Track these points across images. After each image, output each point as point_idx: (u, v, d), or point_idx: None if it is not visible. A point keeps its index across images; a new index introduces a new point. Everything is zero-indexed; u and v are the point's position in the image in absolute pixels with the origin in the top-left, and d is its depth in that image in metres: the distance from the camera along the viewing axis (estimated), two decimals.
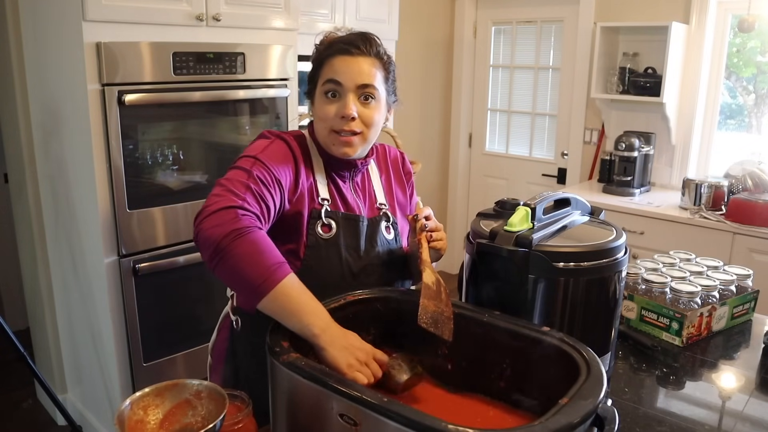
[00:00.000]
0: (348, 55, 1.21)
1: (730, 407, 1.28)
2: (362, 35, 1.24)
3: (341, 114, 1.20)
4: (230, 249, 0.98)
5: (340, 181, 1.30)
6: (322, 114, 1.22)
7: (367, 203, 1.34)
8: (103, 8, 1.94)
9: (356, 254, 1.27)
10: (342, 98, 1.21)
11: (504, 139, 4.32)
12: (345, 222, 1.26)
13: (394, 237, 1.34)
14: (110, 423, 2.43)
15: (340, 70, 1.20)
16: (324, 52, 1.24)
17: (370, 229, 1.30)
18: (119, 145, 2.06)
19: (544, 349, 0.99)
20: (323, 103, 1.22)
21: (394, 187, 1.42)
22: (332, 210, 1.26)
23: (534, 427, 0.76)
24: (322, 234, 1.24)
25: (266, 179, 1.13)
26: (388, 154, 1.45)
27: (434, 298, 1.08)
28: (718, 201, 2.97)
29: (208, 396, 0.97)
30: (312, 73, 1.27)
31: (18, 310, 3.38)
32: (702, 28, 3.24)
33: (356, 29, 1.28)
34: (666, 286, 1.57)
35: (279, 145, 1.23)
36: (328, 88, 1.21)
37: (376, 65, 1.23)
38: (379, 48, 1.24)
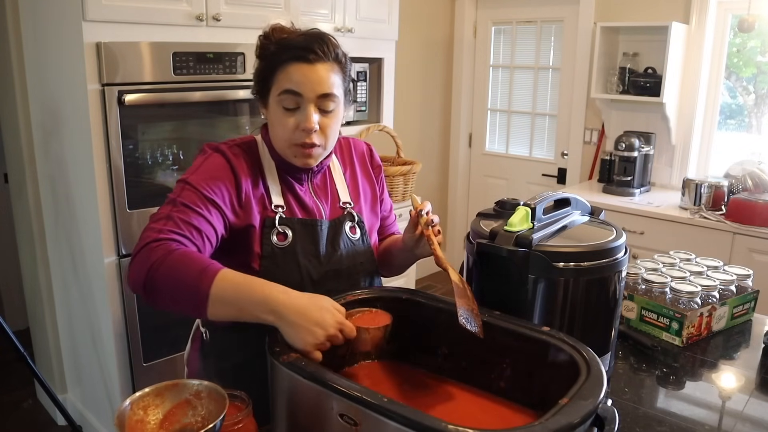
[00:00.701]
0: (306, 63, 1.12)
1: (730, 407, 1.28)
2: (318, 38, 1.15)
3: (302, 128, 1.14)
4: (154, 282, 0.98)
5: (297, 184, 1.25)
6: (281, 126, 1.16)
7: (330, 204, 1.29)
8: (103, 8, 1.94)
9: (316, 260, 1.22)
10: (302, 110, 1.14)
11: (504, 139, 4.32)
12: (302, 228, 1.22)
13: (360, 236, 1.30)
14: (110, 423, 2.43)
15: (298, 80, 1.12)
16: (277, 57, 1.14)
17: (331, 231, 1.25)
18: (119, 145, 2.06)
19: (544, 349, 0.99)
20: (281, 114, 1.15)
21: (361, 183, 1.37)
22: (287, 217, 1.21)
23: (534, 427, 0.76)
24: (277, 243, 1.19)
25: (194, 202, 1.10)
26: (354, 149, 1.39)
27: (464, 296, 1.07)
28: (718, 201, 2.97)
29: (208, 396, 0.97)
30: (264, 75, 1.17)
31: (18, 310, 3.38)
32: (702, 28, 3.24)
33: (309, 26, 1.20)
34: (666, 286, 1.57)
35: (213, 161, 1.17)
36: (286, 100, 1.14)
37: (335, 70, 1.16)
38: (337, 50, 1.16)
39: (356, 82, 3.14)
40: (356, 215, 1.30)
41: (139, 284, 1.01)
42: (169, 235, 1.04)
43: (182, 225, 1.07)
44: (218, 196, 1.14)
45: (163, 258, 0.99)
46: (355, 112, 3.20)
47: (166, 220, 1.07)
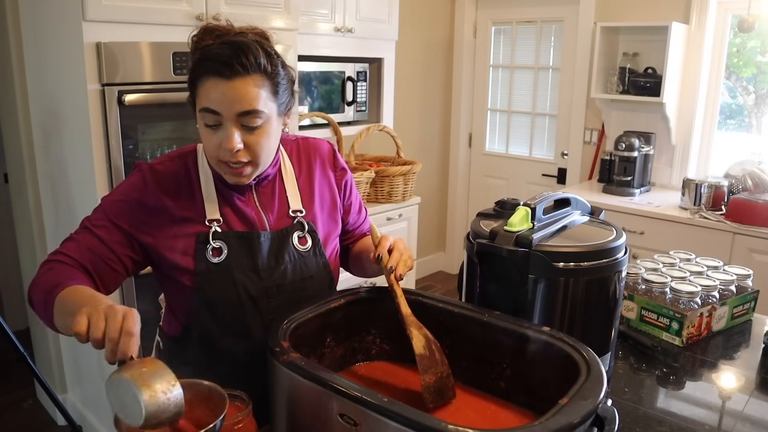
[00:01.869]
0: (222, 79, 1.02)
1: (730, 407, 1.28)
2: (236, 48, 1.03)
3: (224, 147, 1.06)
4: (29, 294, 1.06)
5: (237, 195, 1.18)
6: (205, 144, 1.10)
7: (277, 213, 1.20)
8: (103, 8, 1.94)
9: (255, 275, 1.15)
10: (223, 127, 1.05)
11: (504, 139, 4.32)
12: (238, 242, 1.15)
13: (311, 247, 1.21)
14: (110, 423, 2.43)
15: (215, 98, 1.03)
16: (197, 69, 1.05)
17: (275, 243, 1.17)
18: (119, 145, 2.06)
19: (545, 349, 0.99)
20: (204, 131, 1.08)
21: (318, 188, 1.27)
22: (223, 231, 1.14)
23: (534, 427, 0.76)
24: (212, 259, 1.13)
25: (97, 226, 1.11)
26: (313, 151, 1.30)
27: (431, 366, 1.02)
28: (718, 201, 2.97)
29: (208, 396, 0.97)
30: (189, 85, 1.09)
31: (18, 310, 3.38)
32: (702, 28, 3.24)
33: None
34: (666, 286, 1.57)
35: (130, 181, 1.15)
36: (206, 118, 1.06)
37: (259, 83, 1.05)
38: (258, 59, 1.04)
39: (355, 81, 3.14)
40: (306, 224, 1.21)
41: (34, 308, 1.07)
42: (57, 256, 1.09)
43: (76, 248, 1.09)
44: (124, 219, 1.12)
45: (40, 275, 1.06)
46: (355, 112, 3.20)
47: (67, 241, 1.12)
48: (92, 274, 1.08)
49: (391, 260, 1.12)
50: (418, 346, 1.04)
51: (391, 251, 1.14)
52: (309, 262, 1.21)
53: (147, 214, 1.13)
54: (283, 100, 1.12)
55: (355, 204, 1.37)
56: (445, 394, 1.03)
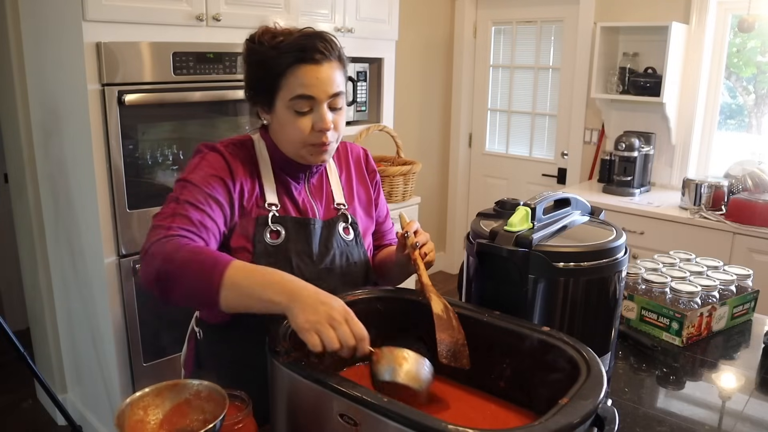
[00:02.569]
0: (314, 64, 1.11)
1: (730, 407, 1.28)
2: (321, 37, 1.14)
3: (318, 128, 1.14)
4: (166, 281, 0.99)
5: (294, 183, 1.25)
6: (295, 130, 1.15)
7: (324, 204, 1.29)
8: (103, 8, 1.94)
9: (309, 259, 1.22)
10: (315, 111, 1.14)
11: (504, 139, 4.32)
12: (295, 226, 1.22)
13: (353, 238, 1.30)
14: (110, 423, 2.43)
15: (309, 83, 1.11)
16: (281, 61, 1.12)
17: (325, 231, 1.25)
18: (119, 145, 2.06)
19: (545, 349, 0.99)
20: (293, 118, 1.15)
21: (356, 186, 1.37)
22: (281, 215, 1.21)
23: (534, 427, 0.76)
24: (270, 240, 1.19)
25: (197, 200, 1.11)
26: (350, 152, 1.40)
27: (448, 328, 1.05)
28: (718, 201, 2.97)
29: (208, 396, 0.97)
30: (265, 82, 1.15)
31: (18, 310, 3.38)
32: (702, 28, 3.24)
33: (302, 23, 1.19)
34: (666, 286, 1.57)
35: (211, 159, 1.18)
36: (299, 105, 1.13)
37: (338, 67, 1.16)
38: (340, 49, 1.17)
39: (355, 81, 3.14)
40: (350, 216, 1.30)
41: (151, 280, 1.01)
42: (177, 231, 1.05)
43: (188, 222, 1.08)
44: (219, 193, 1.15)
45: (175, 252, 1.00)
46: (355, 112, 3.20)
47: (173, 218, 1.08)
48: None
49: (418, 239, 1.19)
50: (436, 308, 1.07)
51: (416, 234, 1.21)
52: (353, 250, 1.29)
53: (231, 191, 1.17)
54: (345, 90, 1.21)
55: (383, 206, 1.45)
56: (459, 359, 1.03)
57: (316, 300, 0.92)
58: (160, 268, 0.99)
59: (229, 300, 0.96)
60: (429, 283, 1.13)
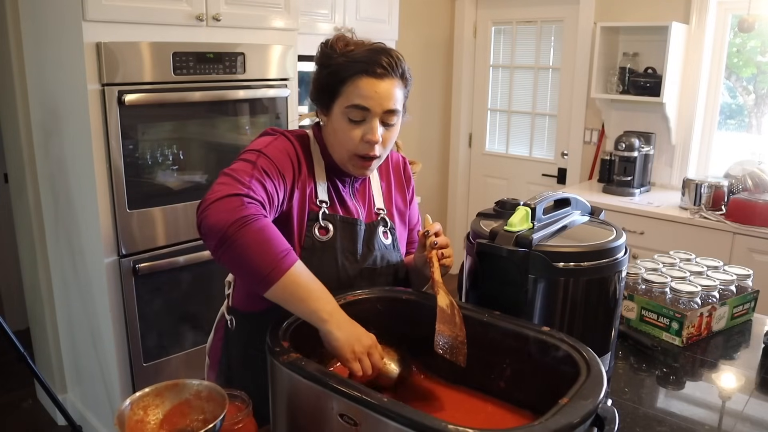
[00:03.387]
0: (375, 78, 1.15)
1: (730, 407, 1.28)
2: (387, 53, 1.17)
3: (367, 140, 1.17)
4: (237, 237, 0.97)
5: (341, 184, 1.29)
6: (345, 137, 1.19)
7: (366, 208, 1.32)
8: (103, 8, 1.94)
9: (353, 258, 1.25)
10: (367, 122, 1.17)
11: (504, 139, 4.32)
12: (343, 225, 1.25)
13: (391, 242, 1.33)
14: (110, 423, 2.43)
15: (367, 95, 1.15)
16: (346, 69, 1.16)
17: (367, 233, 1.28)
18: (119, 145, 2.06)
19: (544, 349, 0.99)
20: (345, 125, 1.18)
21: (394, 193, 1.40)
22: (330, 213, 1.24)
23: (534, 427, 0.76)
24: (319, 236, 1.22)
25: (271, 171, 1.13)
26: (390, 160, 1.42)
27: (449, 323, 1.06)
28: (718, 201, 2.97)
29: (208, 396, 0.97)
30: (328, 85, 1.19)
31: (18, 310, 3.38)
32: (702, 28, 3.24)
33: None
34: (666, 286, 1.57)
35: (282, 142, 1.21)
36: (353, 113, 1.16)
37: (400, 86, 1.19)
38: (403, 67, 1.19)
39: None
40: (389, 221, 1.34)
41: (217, 233, 0.98)
42: (257, 195, 1.06)
43: (263, 190, 1.09)
44: (288, 174, 1.18)
45: (251, 221, 0.99)
46: None
47: (251, 178, 1.08)
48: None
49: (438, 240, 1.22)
50: (442, 302, 1.08)
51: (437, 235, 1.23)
52: (391, 254, 1.32)
53: (295, 176, 1.20)
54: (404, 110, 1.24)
55: (415, 214, 1.47)
56: (456, 354, 1.04)
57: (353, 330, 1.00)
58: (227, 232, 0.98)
59: (277, 295, 0.99)
60: (440, 281, 1.16)
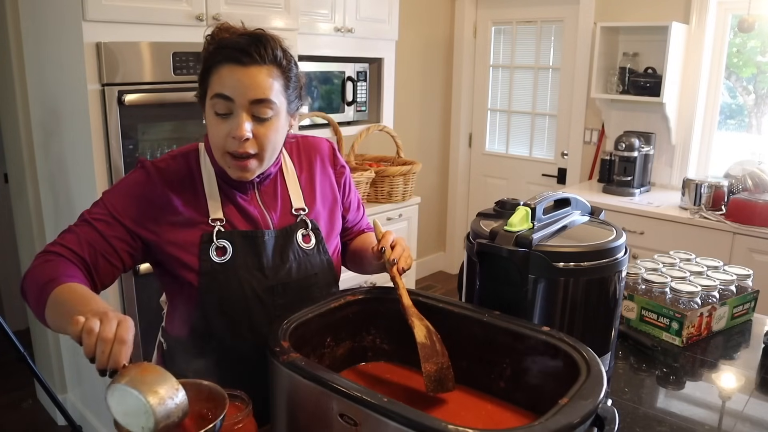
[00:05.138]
0: (238, 65, 1.04)
1: (730, 407, 1.28)
2: (255, 38, 1.07)
3: (233, 135, 1.06)
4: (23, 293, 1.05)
5: (240, 194, 1.18)
6: (213, 133, 1.09)
7: (280, 211, 1.21)
8: (103, 8, 1.94)
9: (260, 274, 1.15)
10: (234, 116, 1.06)
11: (504, 139, 4.32)
12: (243, 241, 1.15)
13: (314, 245, 1.21)
14: (110, 423, 2.43)
15: (229, 83, 1.05)
16: (212, 57, 1.07)
17: (279, 241, 1.18)
18: (119, 145, 2.06)
19: (545, 349, 0.99)
20: (213, 120, 1.08)
21: (320, 186, 1.28)
22: (227, 230, 1.14)
23: (534, 427, 0.76)
24: (216, 259, 1.12)
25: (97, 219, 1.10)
26: (315, 150, 1.31)
27: (432, 356, 1.03)
28: (718, 201, 2.97)
29: (208, 396, 0.97)
30: (201, 76, 1.11)
31: (18, 310, 3.38)
32: (702, 28, 3.24)
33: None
34: (666, 286, 1.57)
35: (133, 178, 1.14)
36: (218, 105, 1.06)
37: (273, 74, 1.07)
38: (275, 51, 1.07)
39: (355, 81, 3.14)
40: (310, 222, 1.22)
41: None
42: (56, 248, 1.08)
43: (75, 240, 1.09)
44: (127, 214, 1.11)
45: (35, 267, 1.04)
46: (355, 112, 3.20)
47: (65, 234, 1.11)
48: (90, 267, 1.08)
49: (394, 253, 1.15)
50: (419, 335, 1.05)
51: (393, 247, 1.17)
52: (313, 259, 1.21)
53: (151, 211, 1.12)
54: (292, 99, 1.13)
55: (354, 201, 1.38)
56: (445, 384, 1.03)
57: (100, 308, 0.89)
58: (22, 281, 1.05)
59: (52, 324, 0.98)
60: (410, 305, 1.09)
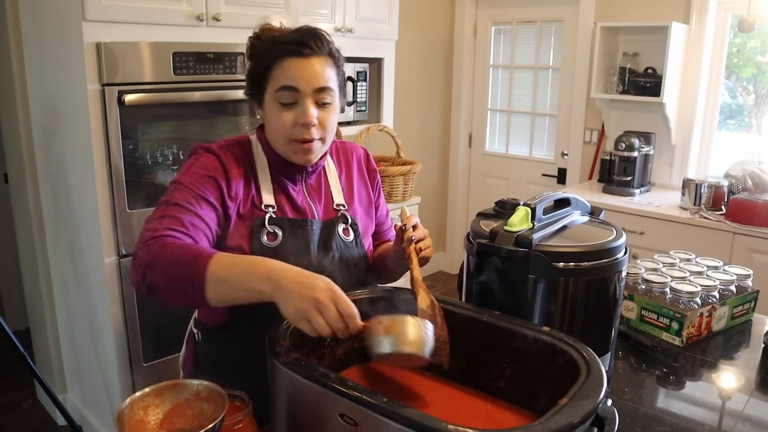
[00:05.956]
0: (300, 57, 1.13)
1: (730, 407, 1.28)
2: (311, 32, 1.16)
3: (301, 122, 1.14)
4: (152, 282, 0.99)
5: (290, 184, 1.25)
6: (279, 123, 1.16)
7: (323, 205, 1.29)
8: (103, 8, 1.94)
9: (306, 261, 1.21)
10: (299, 105, 1.15)
11: (504, 139, 4.32)
12: (292, 228, 1.21)
13: (353, 239, 1.29)
14: (110, 423, 2.43)
15: (294, 75, 1.13)
16: (271, 54, 1.15)
17: (324, 232, 1.25)
18: (119, 145, 2.06)
19: (544, 349, 0.99)
20: (278, 111, 1.16)
21: (356, 186, 1.37)
22: (278, 216, 1.21)
23: (534, 427, 0.76)
24: (267, 243, 1.18)
25: (187, 201, 1.11)
26: (351, 153, 1.40)
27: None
28: (718, 201, 2.97)
29: (208, 396, 0.97)
30: (257, 75, 1.18)
31: (18, 310, 3.38)
32: (702, 28, 3.24)
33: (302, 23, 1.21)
34: (666, 286, 1.57)
35: (204, 160, 1.18)
36: (283, 96, 1.14)
37: (330, 64, 1.17)
38: (330, 45, 1.17)
39: (355, 81, 3.14)
40: (350, 217, 1.30)
41: (138, 281, 1.02)
42: (164, 231, 1.05)
43: (176, 222, 1.08)
44: (210, 194, 1.14)
45: (159, 251, 1.00)
46: (355, 112, 3.20)
47: (161, 219, 1.09)
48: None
49: (416, 233, 1.19)
50: (422, 303, 1.06)
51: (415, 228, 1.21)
52: (353, 251, 1.28)
53: (224, 192, 1.17)
54: (341, 87, 1.22)
55: (383, 207, 1.45)
56: (438, 355, 1.01)
57: (299, 284, 0.91)
58: (145, 270, 1.00)
59: (215, 295, 0.97)
60: (419, 278, 1.13)
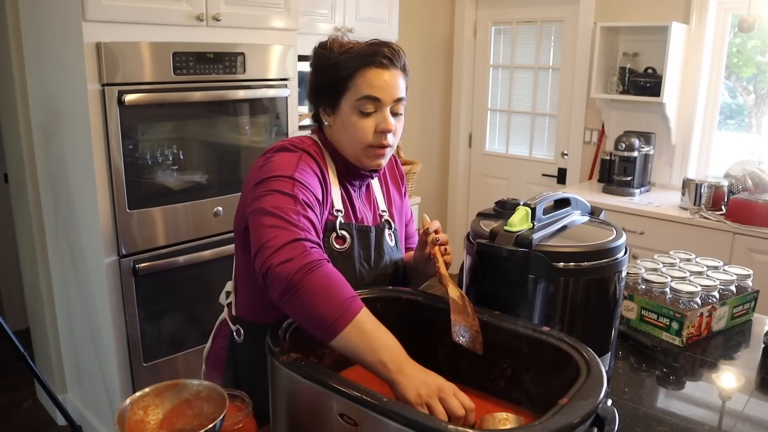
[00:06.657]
0: (382, 68, 1.18)
1: (730, 407, 1.28)
2: (389, 45, 1.20)
3: (381, 129, 1.19)
4: (302, 285, 0.94)
5: (351, 189, 1.29)
6: (358, 131, 1.19)
7: (372, 212, 1.33)
8: (103, 8, 1.94)
9: (368, 265, 1.26)
10: (379, 113, 1.19)
11: (504, 139, 4.32)
12: (359, 233, 1.25)
13: (395, 244, 1.34)
14: (110, 423, 2.43)
15: (377, 85, 1.17)
16: (351, 63, 1.18)
17: (378, 237, 1.29)
18: (119, 145, 2.06)
19: (544, 349, 0.99)
20: (358, 119, 1.19)
21: (392, 192, 1.41)
22: (346, 222, 1.24)
23: (534, 427, 0.76)
24: (336, 246, 1.22)
25: (310, 201, 1.10)
26: None
27: (462, 313, 1.07)
28: (718, 201, 2.97)
29: (208, 396, 0.97)
30: (332, 83, 1.20)
31: (18, 310, 3.38)
32: (702, 28, 3.24)
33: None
34: (666, 286, 1.57)
35: (307, 161, 1.19)
36: (365, 105, 1.18)
37: (403, 77, 1.22)
38: (405, 59, 1.23)
39: None
40: (392, 223, 1.34)
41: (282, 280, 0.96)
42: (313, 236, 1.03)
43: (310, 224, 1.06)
44: (320, 194, 1.16)
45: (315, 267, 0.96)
46: None
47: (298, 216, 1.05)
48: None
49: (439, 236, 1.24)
50: (453, 293, 1.10)
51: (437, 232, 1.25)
52: (395, 255, 1.33)
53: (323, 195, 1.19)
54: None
55: (408, 210, 1.47)
56: (473, 343, 1.04)
57: (423, 373, 0.92)
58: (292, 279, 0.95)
59: (338, 346, 0.94)
60: (446, 274, 1.17)
